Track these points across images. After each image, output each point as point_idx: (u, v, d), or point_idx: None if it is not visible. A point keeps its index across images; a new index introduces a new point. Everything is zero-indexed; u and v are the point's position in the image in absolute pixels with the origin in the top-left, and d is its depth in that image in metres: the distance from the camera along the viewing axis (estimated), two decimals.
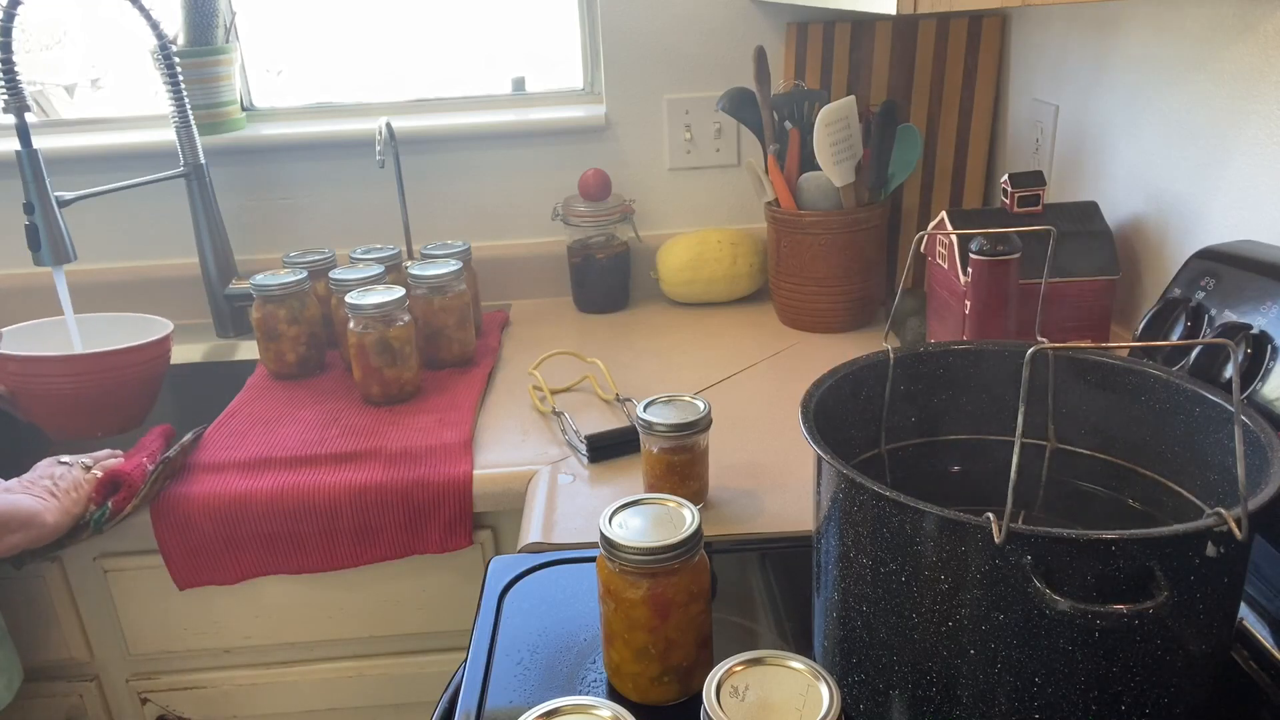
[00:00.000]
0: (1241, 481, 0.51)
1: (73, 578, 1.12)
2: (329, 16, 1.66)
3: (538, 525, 0.95)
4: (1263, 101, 0.89)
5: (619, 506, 0.69)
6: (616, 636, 0.67)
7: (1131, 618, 0.49)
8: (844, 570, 0.62)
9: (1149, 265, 1.10)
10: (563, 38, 1.63)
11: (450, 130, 1.57)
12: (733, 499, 0.97)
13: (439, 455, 1.10)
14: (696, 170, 1.61)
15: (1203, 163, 0.99)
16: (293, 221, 1.62)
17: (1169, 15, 1.03)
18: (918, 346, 0.76)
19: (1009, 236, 1.01)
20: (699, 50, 1.54)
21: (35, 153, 1.20)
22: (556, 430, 1.15)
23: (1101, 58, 1.18)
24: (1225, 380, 0.76)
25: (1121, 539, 0.50)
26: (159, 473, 1.06)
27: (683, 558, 0.65)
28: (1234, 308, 0.80)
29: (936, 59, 1.49)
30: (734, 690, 0.53)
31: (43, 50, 1.70)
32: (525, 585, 0.84)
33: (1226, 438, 0.63)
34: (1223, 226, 0.96)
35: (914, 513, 0.55)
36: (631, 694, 0.69)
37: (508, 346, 1.44)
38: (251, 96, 1.66)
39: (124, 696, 1.19)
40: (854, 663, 0.63)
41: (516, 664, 0.74)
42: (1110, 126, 1.17)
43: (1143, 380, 0.70)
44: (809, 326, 1.43)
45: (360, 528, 1.07)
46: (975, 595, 0.54)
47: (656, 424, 0.90)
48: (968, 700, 0.57)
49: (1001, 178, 1.13)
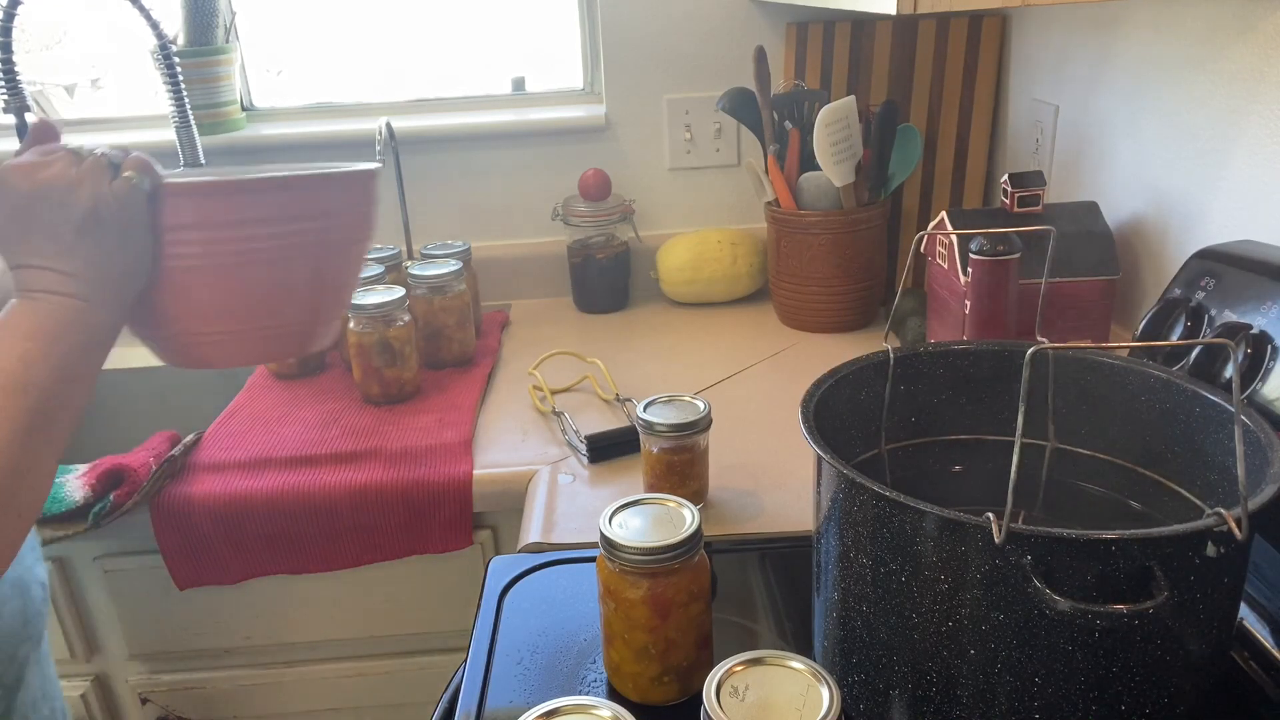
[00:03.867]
0: (1241, 481, 0.51)
1: (72, 578, 1.12)
2: (329, 16, 1.66)
3: (538, 525, 0.95)
4: (1263, 101, 0.89)
5: (619, 506, 0.69)
6: (616, 636, 0.67)
7: (1131, 618, 0.49)
8: (844, 570, 0.62)
9: (1149, 265, 1.10)
10: (562, 38, 1.63)
11: (450, 130, 1.57)
12: (733, 499, 0.96)
13: (439, 455, 1.10)
14: (696, 170, 1.61)
15: (1203, 163, 0.99)
16: None
17: (1169, 15, 1.03)
18: (918, 346, 0.76)
19: (1009, 236, 1.01)
20: (699, 50, 1.54)
21: None
22: (556, 430, 1.15)
23: (1101, 58, 1.18)
24: (1225, 380, 0.76)
25: (1121, 539, 0.50)
26: (162, 472, 1.06)
27: (683, 558, 0.65)
28: (1234, 308, 0.80)
29: (936, 59, 1.49)
30: (734, 690, 0.53)
31: (43, 50, 1.70)
32: (525, 585, 0.84)
33: (1226, 438, 0.63)
34: (1223, 226, 0.96)
35: (914, 513, 0.55)
36: (631, 694, 0.69)
37: (508, 346, 1.44)
38: (251, 96, 1.66)
39: (124, 696, 1.19)
40: (854, 663, 0.63)
41: (516, 664, 0.74)
42: (1110, 126, 1.17)
43: (1143, 380, 0.70)
44: (809, 326, 1.43)
45: (360, 528, 1.07)
46: (975, 595, 0.54)
47: (656, 424, 0.90)
48: (968, 700, 0.57)
49: (1001, 178, 1.13)
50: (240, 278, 0.71)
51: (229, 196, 0.69)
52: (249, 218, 0.70)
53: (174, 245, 0.69)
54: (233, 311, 0.71)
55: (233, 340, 0.73)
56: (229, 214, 0.69)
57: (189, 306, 0.71)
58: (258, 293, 0.72)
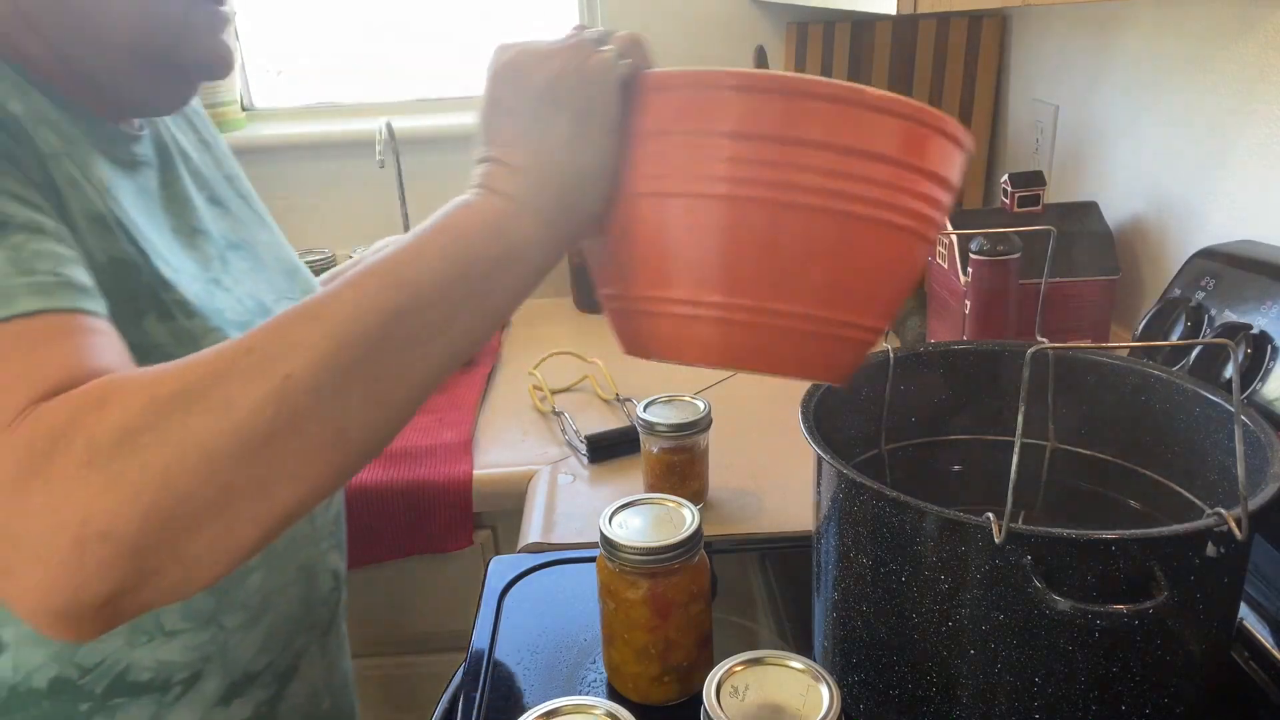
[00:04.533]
0: (1241, 481, 0.51)
1: None
2: (329, 16, 1.66)
3: (538, 525, 0.95)
4: (1263, 101, 0.89)
5: (619, 506, 0.69)
6: (616, 636, 0.67)
7: (1131, 618, 0.49)
8: (844, 570, 0.62)
9: (1149, 265, 1.10)
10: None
11: (450, 130, 1.57)
12: (733, 499, 0.96)
13: (439, 455, 1.10)
14: None
15: (1203, 163, 0.99)
16: (292, 221, 1.62)
17: (1169, 15, 1.03)
18: (918, 346, 0.76)
19: (1009, 236, 1.01)
20: (700, 50, 1.54)
21: None
22: (556, 430, 1.15)
23: (1101, 58, 1.18)
24: (1225, 380, 0.76)
25: (1121, 539, 0.50)
26: None
27: (683, 558, 0.65)
28: (1234, 308, 0.80)
29: (936, 59, 1.49)
30: (734, 690, 0.53)
31: None
32: (525, 585, 0.84)
33: (1226, 438, 0.63)
34: (1223, 226, 0.96)
35: (914, 513, 0.55)
36: (631, 694, 0.69)
37: (508, 346, 1.44)
38: (251, 96, 1.66)
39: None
40: (854, 663, 0.63)
41: (516, 664, 0.74)
42: (1110, 126, 1.17)
43: (1143, 380, 0.70)
44: None
45: (360, 528, 1.07)
46: (975, 595, 0.54)
47: (656, 424, 0.90)
48: (968, 700, 0.57)
49: (1001, 178, 1.13)
50: (743, 226, 0.47)
51: (758, 97, 0.47)
52: (764, 134, 0.47)
53: (659, 160, 0.49)
54: (717, 279, 0.48)
55: (715, 327, 0.49)
56: (736, 123, 0.47)
57: (646, 258, 0.50)
58: (765, 258, 0.48)
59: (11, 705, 0.62)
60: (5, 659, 0.61)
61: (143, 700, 0.65)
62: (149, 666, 0.64)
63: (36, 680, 0.61)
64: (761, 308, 0.48)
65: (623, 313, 0.52)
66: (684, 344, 0.50)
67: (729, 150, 0.47)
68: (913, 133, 0.49)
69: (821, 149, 0.47)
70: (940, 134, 0.50)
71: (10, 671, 0.61)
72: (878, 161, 0.48)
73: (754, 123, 0.47)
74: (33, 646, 0.61)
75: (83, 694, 0.62)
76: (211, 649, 0.67)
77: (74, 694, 0.62)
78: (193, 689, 0.67)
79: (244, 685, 0.70)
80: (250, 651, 0.69)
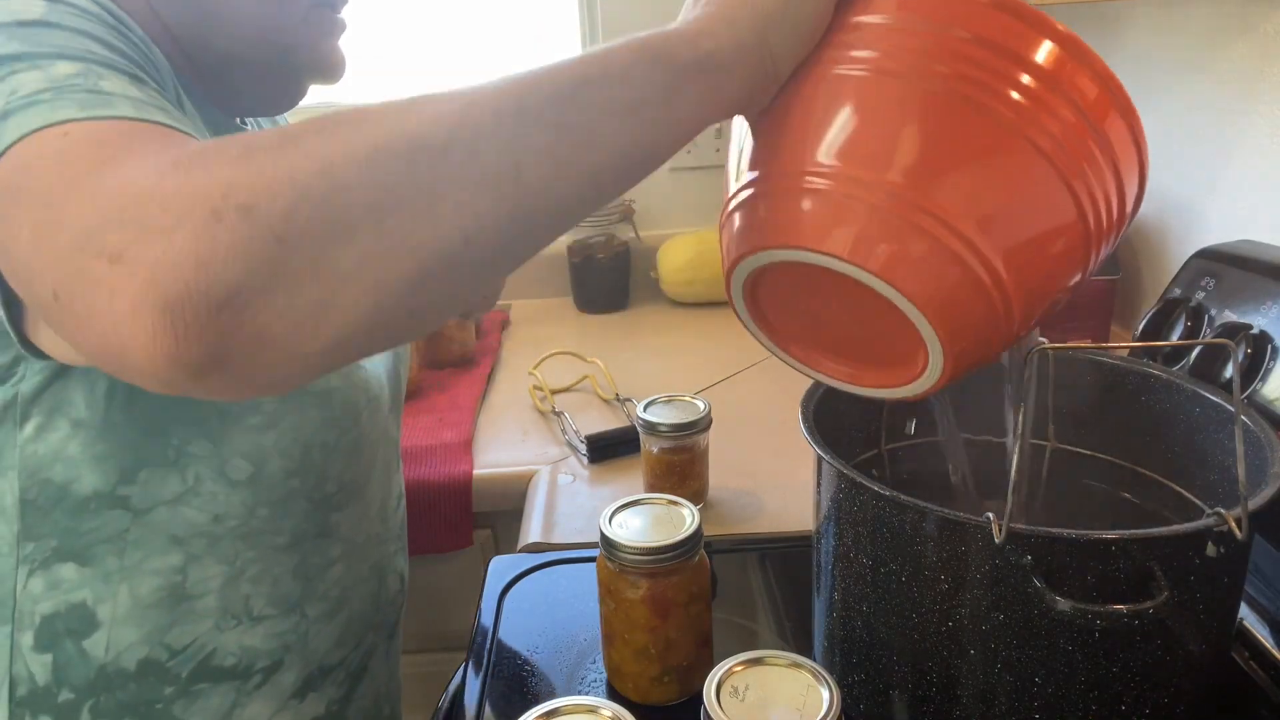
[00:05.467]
0: (1241, 481, 0.51)
1: None
2: None
3: (538, 525, 0.95)
4: (1263, 101, 0.89)
5: (619, 506, 0.69)
6: (616, 636, 0.67)
7: (1131, 618, 0.49)
8: (844, 570, 0.62)
9: (1149, 265, 1.10)
10: (563, 37, 1.63)
11: None
12: (733, 499, 0.96)
13: (439, 455, 1.10)
14: (696, 170, 1.61)
15: (1203, 163, 0.99)
16: None
17: (1169, 15, 1.03)
18: None
19: None
20: None
21: None
22: (556, 430, 1.15)
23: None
24: (1225, 380, 0.76)
25: (1121, 539, 0.50)
26: None
27: (683, 558, 0.65)
28: (1234, 308, 0.80)
29: None
30: (734, 690, 0.53)
31: None
32: (525, 585, 0.84)
33: (1226, 438, 0.63)
34: (1223, 226, 0.96)
35: (914, 513, 0.55)
36: (631, 694, 0.69)
37: (508, 346, 1.44)
38: None
39: None
40: (854, 663, 0.63)
41: (516, 664, 0.74)
42: None
43: (1143, 380, 0.70)
44: None
45: None
46: (975, 595, 0.54)
47: (656, 424, 0.90)
48: (968, 700, 0.57)
49: None
50: (936, 118, 0.48)
51: (1002, 15, 0.48)
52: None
53: (849, 33, 0.49)
54: (897, 162, 0.48)
55: (869, 216, 0.47)
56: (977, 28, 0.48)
57: (821, 130, 0.49)
58: (951, 160, 0.48)
59: (98, 686, 0.62)
60: (99, 636, 0.61)
61: (223, 687, 0.65)
62: (234, 651, 0.65)
63: (126, 660, 0.61)
64: (921, 206, 0.47)
65: (767, 195, 0.50)
66: (828, 227, 0.48)
67: (953, 47, 0.48)
68: (1117, 121, 0.53)
69: (1036, 78, 0.49)
70: (1135, 146, 0.53)
71: (102, 650, 0.61)
72: (1079, 115, 0.51)
73: (989, 31, 0.48)
74: (127, 625, 0.61)
75: (168, 677, 0.62)
76: (292, 638, 0.68)
77: (160, 677, 0.62)
78: (271, 679, 0.67)
79: (319, 679, 0.70)
80: (328, 644, 0.71)
